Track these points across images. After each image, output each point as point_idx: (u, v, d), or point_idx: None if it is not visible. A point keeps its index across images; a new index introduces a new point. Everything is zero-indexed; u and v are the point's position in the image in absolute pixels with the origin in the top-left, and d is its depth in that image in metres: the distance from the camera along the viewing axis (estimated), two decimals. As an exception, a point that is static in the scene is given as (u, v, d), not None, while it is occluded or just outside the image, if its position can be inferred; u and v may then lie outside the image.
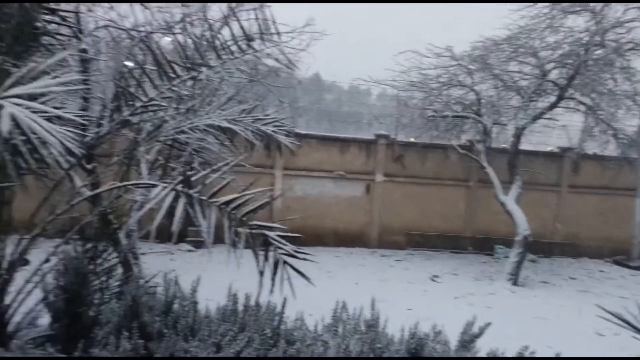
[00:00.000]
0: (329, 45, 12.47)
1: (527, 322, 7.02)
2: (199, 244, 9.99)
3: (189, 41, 5.00)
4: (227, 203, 3.00)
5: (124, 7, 7.05)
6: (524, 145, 10.75)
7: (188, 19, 6.95)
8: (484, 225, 11.94)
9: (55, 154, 2.19)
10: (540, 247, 11.82)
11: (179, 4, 7.04)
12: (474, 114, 10.24)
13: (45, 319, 4.25)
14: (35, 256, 4.09)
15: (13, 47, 3.18)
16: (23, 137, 2.13)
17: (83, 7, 5.63)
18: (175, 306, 4.04)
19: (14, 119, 2.04)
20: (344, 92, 18.47)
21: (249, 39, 3.93)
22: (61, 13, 4.09)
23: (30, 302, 3.99)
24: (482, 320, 3.51)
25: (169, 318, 3.80)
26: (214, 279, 5.00)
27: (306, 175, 11.52)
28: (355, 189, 11.82)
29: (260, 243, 3.02)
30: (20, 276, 3.91)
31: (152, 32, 5.98)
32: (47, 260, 3.93)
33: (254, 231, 2.94)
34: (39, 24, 3.49)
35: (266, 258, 3.01)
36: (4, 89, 2.20)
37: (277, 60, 3.96)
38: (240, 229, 2.96)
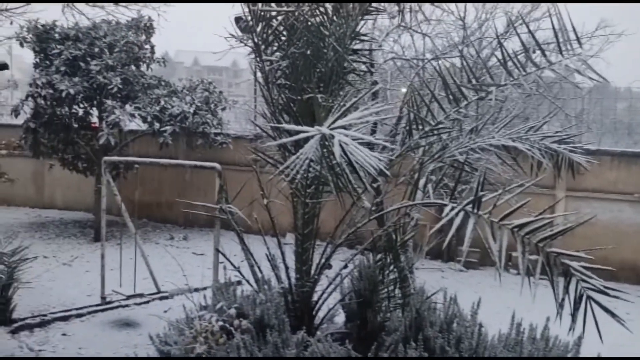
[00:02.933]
0: (624, 48, 10.65)
1: None
2: (469, 264, 9.81)
3: (477, 60, 5.00)
4: (521, 226, 2.85)
5: (406, 38, 7.63)
6: None
7: (467, 41, 7.03)
8: None
9: (373, 174, 2.50)
10: None
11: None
12: None
13: (341, 317, 4.89)
14: (335, 262, 4.76)
15: (329, 86, 3.81)
16: (346, 162, 2.49)
17: (376, 45, 6.38)
18: (455, 325, 4.05)
19: (340, 146, 2.42)
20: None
21: (542, 51, 3.68)
22: (360, 52, 4.70)
23: (330, 301, 4.66)
24: None
25: (451, 336, 3.83)
26: (488, 302, 4.82)
27: (596, 198, 9.98)
28: (664, 216, 9.60)
29: (559, 273, 2.75)
30: (324, 278, 4.61)
31: (433, 59, 6.29)
32: (345, 266, 4.52)
33: (553, 259, 2.70)
34: (346, 64, 4.09)
35: (567, 290, 2.72)
36: (333, 120, 2.63)
37: (576, 70, 3.55)
38: (535, 256, 2.76)
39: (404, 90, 7.85)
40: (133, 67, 9.83)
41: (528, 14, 8.46)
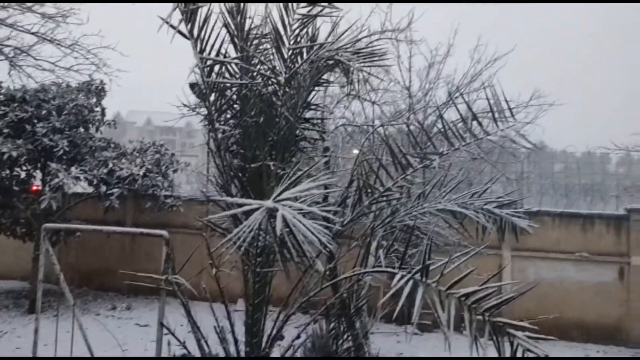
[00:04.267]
0: (557, 113, 11.54)
1: None
2: (423, 327, 9.76)
3: (417, 131, 5.26)
4: (467, 296, 2.90)
5: (357, 105, 7.98)
6: None
7: (412, 109, 7.43)
8: None
9: (317, 245, 2.51)
10: None
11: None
12: None
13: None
14: (289, 329, 4.61)
15: (281, 154, 3.87)
16: (289, 233, 2.50)
17: (327, 112, 6.62)
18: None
19: (284, 219, 2.43)
20: (578, 160, 16.57)
21: (478, 121, 3.93)
22: (312, 120, 4.85)
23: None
24: None
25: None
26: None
27: (540, 257, 10.37)
28: (603, 274, 10.06)
29: (504, 340, 2.78)
30: (276, 350, 4.44)
31: (381, 125, 6.58)
32: (298, 337, 4.38)
33: (497, 328, 2.74)
34: (298, 132, 4.20)
35: (514, 355, 2.75)
36: (278, 193, 2.66)
37: (512, 140, 3.81)
38: (484, 325, 2.79)
39: (355, 151, 8.10)
40: (81, 130, 9.63)
41: (468, 85, 9.11)
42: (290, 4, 4.07)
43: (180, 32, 3.73)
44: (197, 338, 4.31)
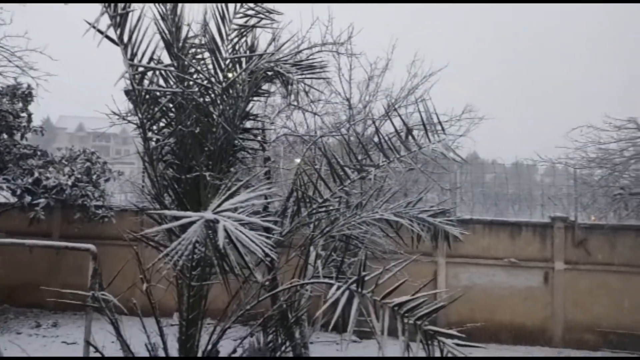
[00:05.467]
0: (488, 126, 12.18)
1: None
2: (363, 334, 9.90)
3: (355, 142, 5.36)
4: (401, 305, 2.98)
5: (299, 115, 8.02)
6: None
7: (352, 120, 7.57)
8: None
9: (259, 255, 2.49)
10: None
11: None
12: (676, 189, 8.75)
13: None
14: (227, 342, 4.50)
15: (218, 164, 3.81)
16: (228, 244, 2.46)
17: (268, 122, 6.59)
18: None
19: (225, 230, 2.39)
20: (507, 170, 17.49)
21: (412, 135, 4.08)
22: (252, 130, 4.82)
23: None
24: None
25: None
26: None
27: (472, 263, 10.85)
28: (530, 279, 10.68)
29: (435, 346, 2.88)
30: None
31: (322, 136, 6.65)
32: (234, 351, 4.30)
33: (428, 336, 2.84)
34: (236, 142, 4.14)
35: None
36: (218, 204, 2.61)
37: (443, 154, 3.98)
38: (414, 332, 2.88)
39: (297, 160, 8.13)
40: (5, 136, 8.99)
41: (405, 98, 9.41)
42: (227, 16, 4.03)
43: (108, 38, 3.57)
44: (126, 356, 4.11)
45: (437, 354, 2.87)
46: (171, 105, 4.10)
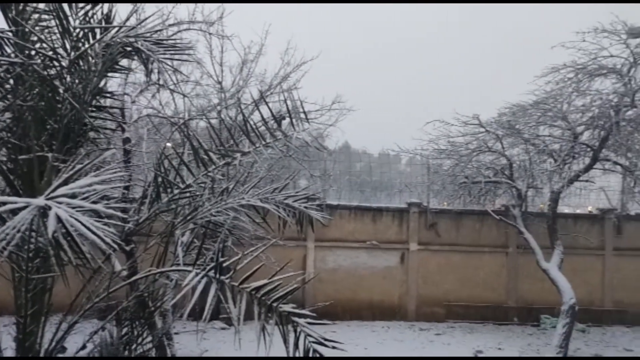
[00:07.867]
0: (357, 117, 12.83)
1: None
2: (231, 322, 9.89)
3: (223, 126, 5.26)
4: (258, 289, 3.02)
5: (166, 95, 7.60)
6: (563, 208, 10.46)
7: (223, 104, 7.39)
8: (528, 294, 11.40)
9: (100, 246, 2.32)
10: (590, 315, 11.11)
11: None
12: (507, 178, 10.14)
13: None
14: (72, 340, 4.14)
15: (63, 144, 3.45)
16: (65, 234, 2.26)
17: (128, 99, 6.12)
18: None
19: (58, 218, 2.19)
20: (374, 159, 18.70)
21: (279, 123, 4.12)
22: (106, 109, 4.44)
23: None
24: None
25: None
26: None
27: (339, 246, 11.46)
28: (389, 259, 11.62)
29: (290, 329, 2.99)
30: (58, 363, 3.95)
31: (190, 119, 6.39)
32: (84, 347, 3.97)
33: (283, 318, 2.93)
34: (87, 121, 3.79)
35: (297, 345, 2.97)
36: (52, 189, 2.37)
37: (307, 142, 4.09)
38: (270, 315, 2.95)
39: (169, 145, 7.72)
40: None
41: (278, 85, 9.48)
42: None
43: None
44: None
45: (292, 335, 2.97)
46: (8, 75, 3.60)
